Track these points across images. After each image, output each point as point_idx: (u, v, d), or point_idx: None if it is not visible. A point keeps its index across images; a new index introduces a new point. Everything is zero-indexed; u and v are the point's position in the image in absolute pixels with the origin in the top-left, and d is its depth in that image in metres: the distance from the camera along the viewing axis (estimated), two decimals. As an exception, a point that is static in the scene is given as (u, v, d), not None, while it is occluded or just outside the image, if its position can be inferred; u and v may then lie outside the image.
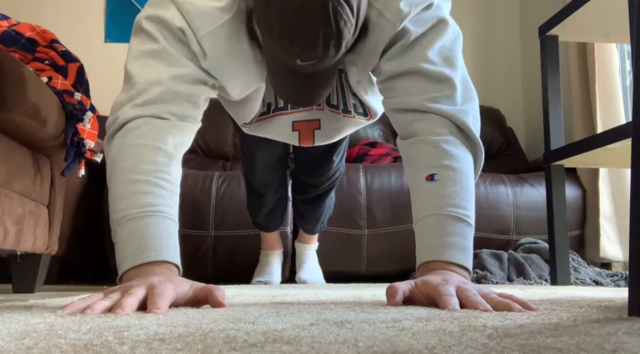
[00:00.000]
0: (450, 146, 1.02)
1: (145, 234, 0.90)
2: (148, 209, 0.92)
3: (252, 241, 2.23)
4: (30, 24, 1.64)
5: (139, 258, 0.89)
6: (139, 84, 1.01)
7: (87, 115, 1.55)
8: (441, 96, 1.04)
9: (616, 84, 2.54)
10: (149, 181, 0.94)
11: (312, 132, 1.33)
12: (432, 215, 1.00)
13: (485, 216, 2.35)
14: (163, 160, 0.97)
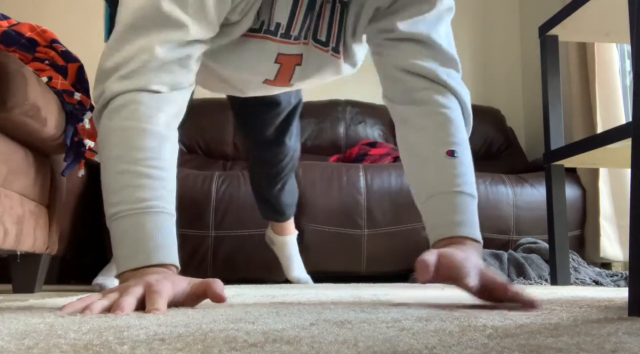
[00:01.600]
0: (463, 126, 1.07)
1: (138, 235, 0.85)
2: (139, 205, 0.86)
3: (252, 241, 2.23)
4: (30, 24, 1.64)
5: (134, 261, 0.85)
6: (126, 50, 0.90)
7: (87, 115, 1.55)
8: (452, 75, 1.06)
9: (616, 84, 2.54)
10: (139, 171, 0.87)
11: (293, 67, 1.17)
12: (456, 192, 0.98)
13: (485, 216, 2.33)
14: (153, 144, 0.89)
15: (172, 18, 0.91)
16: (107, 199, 0.89)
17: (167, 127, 0.92)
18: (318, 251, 2.29)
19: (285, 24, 1.07)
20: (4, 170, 1.32)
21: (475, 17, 3.52)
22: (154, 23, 0.91)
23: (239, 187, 2.28)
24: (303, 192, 2.31)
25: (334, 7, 1.10)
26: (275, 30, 1.08)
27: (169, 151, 0.91)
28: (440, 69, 1.04)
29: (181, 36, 0.93)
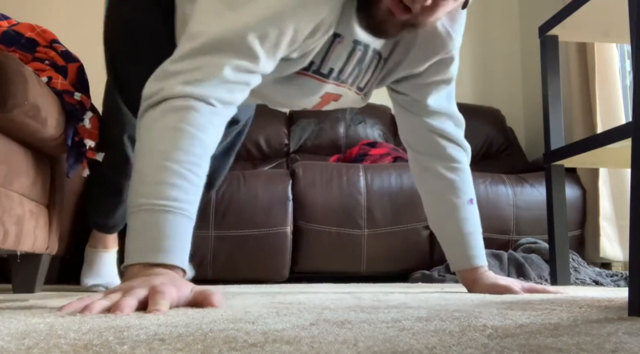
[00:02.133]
0: (471, 175, 1.41)
1: (160, 232, 0.88)
2: (170, 203, 0.90)
3: (252, 241, 2.23)
4: (30, 24, 1.64)
5: (148, 256, 0.87)
6: (197, 60, 0.97)
7: (87, 115, 1.55)
8: (462, 134, 1.40)
9: (616, 84, 2.54)
10: (179, 172, 0.91)
11: (330, 102, 1.35)
12: (476, 232, 1.36)
13: (485, 216, 2.33)
14: (199, 151, 0.94)
15: (251, 50, 1.00)
16: (138, 188, 0.91)
17: (212, 142, 0.98)
18: (318, 251, 2.29)
19: (337, 70, 1.24)
20: (4, 170, 1.32)
21: (476, 18, 3.52)
22: (233, 49, 0.99)
23: (239, 187, 2.28)
24: (303, 192, 2.31)
25: (378, 61, 1.29)
26: (328, 74, 1.24)
27: (207, 163, 0.97)
28: (456, 131, 1.37)
29: (251, 66, 1.02)
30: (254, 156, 3.06)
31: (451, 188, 1.35)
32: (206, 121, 0.95)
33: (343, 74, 1.26)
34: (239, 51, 1.00)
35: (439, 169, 1.36)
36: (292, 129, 3.12)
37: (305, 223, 2.29)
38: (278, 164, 3.04)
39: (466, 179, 1.36)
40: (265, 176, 2.37)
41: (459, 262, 1.37)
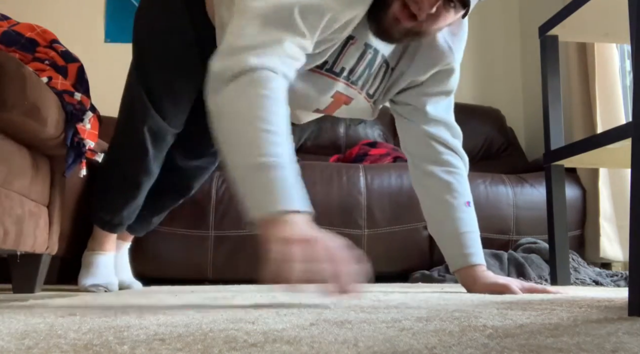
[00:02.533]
0: (467, 180, 1.48)
1: (287, 182, 0.96)
2: (280, 160, 0.97)
3: (252, 241, 2.23)
4: (30, 24, 1.64)
5: (285, 205, 0.95)
6: (263, 36, 1.06)
7: (87, 115, 1.55)
8: (459, 144, 1.47)
9: (616, 84, 2.54)
10: (281, 132, 1.01)
11: (342, 105, 1.40)
12: (473, 232, 1.40)
13: (485, 216, 2.35)
14: (283, 112, 1.04)
15: (298, 26, 1.09)
16: (245, 150, 0.99)
17: (287, 107, 1.07)
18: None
19: (348, 69, 1.30)
20: (4, 170, 1.32)
21: (476, 18, 3.52)
22: (285, 24, 1.08)
23: (239, 187, 2.28)
24: (303, 192, 2.31)
25: (385, 70, 1.37)
26: (340, 73, 1.31)
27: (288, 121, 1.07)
28: (454, 141, 1.45)
29: (302, 42, 1.11)
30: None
31: (448, 189, 1.41)
32: (282, 89, 1.05)
33: (353, 74, 1.32)
34: (290, 27, 1.08)
35: (437, 172, 1.42)
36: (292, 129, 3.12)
37: (305, 223, 2.29)
38: (278, 164, 3.04)
39: (463, 182, 1.43)
40: (265, 176, 2.37)
41: (456, 261, 1.39)
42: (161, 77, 1.54)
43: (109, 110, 2.65)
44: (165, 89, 1.55)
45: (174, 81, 1.55)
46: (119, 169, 1.67)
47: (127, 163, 1.64)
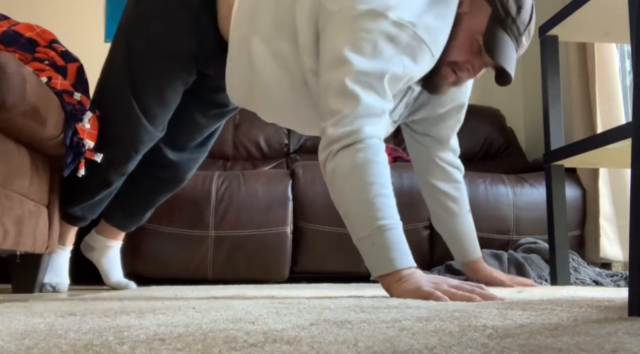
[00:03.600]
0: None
1: (400, 244, 1.19)
2: (395, 221, 1.19)
3: (252, 241, 2.23)
4: (30, 24, 1.64)
5: (406, 262, 1.18)
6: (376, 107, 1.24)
7: (87, 115, 1.55)
8: (458, 160, 1.75)
9: (616, 84, 2.54)
10: (389, 195, 1.21)
11: None
12: (474, 233, 1.75)
13: (485, 216, 2.35)
14: (388, 175, 1.23)
15: (387, 94, 1.27)
16: (366, 212, 1.18)
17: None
18: (318, 251, 2.29)
19: (391, 109, 1.42)
20: (4, 170, 1.32)
21: (475, 17, 3.52)
22: (383, 94, 1.26)
23: (239, 187, 2.27)
24: (303, 192, 2.31)
25: (410, 97, 1.52)
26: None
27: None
28: (455, 159, 1.73)
29: (389, 107, 1.30)
30: (254, 156, 3.06)
31: (455, 202, 1.71)
32: (385, 153, 1.25)
33: (395, 113, 1.51)
34: (386, 96, 1.26)
35: (447, 189, 1.70)
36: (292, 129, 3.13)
37: (305, 223, 2.29)
38: (278, 164, 3.04)
39: (465, 194, 1.73)
40: (265, 176, 2.37)
41: (464, 255, 1.74)
42: (153, 81, 1.56)
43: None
44: (155, 96, 1.57)
45: (166, 88, 1.56)
46: (90, 166, 1.61)
47: (104, 162, 1.59)
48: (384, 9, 1.26)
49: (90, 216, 1.76)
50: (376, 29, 1.25)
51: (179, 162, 1.81)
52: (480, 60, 1.39)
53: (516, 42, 1.37)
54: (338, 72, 1.25)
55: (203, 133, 1.79)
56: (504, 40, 1.34)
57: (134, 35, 1.56)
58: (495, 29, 1.34)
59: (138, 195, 1.84)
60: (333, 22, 1.29)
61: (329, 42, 1.29)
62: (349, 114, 1.22)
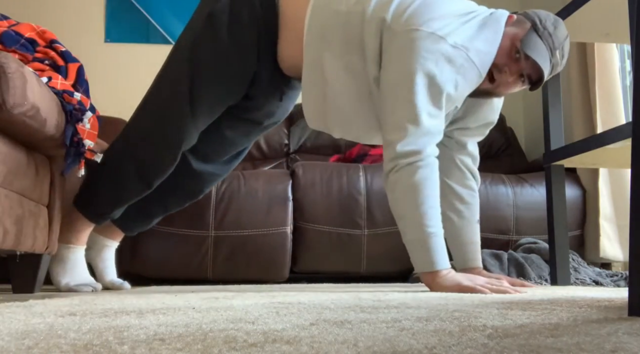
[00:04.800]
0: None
1: (441, 248, 1.44)
2: (442, 228, 1.45)
3: (252, 241, 2.23)
4: (30, 24, 1.64)
5: (445, 264, 1.43)
6: (435, 128, 1.46)
7: (87, 115, 1.55)
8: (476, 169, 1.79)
9: (616, 84, 2.54)
10: (437, 207, 1.46)
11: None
12: (479, 243, 1.75)
13: (485, 216, 2.35)
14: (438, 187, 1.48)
15: (443, 112, 1.48)
16: (419, 220, 1.43)
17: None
18: (318, 251, 2.29)
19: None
20: (4, 170, 1.32)
21: (475, 17, 3.52)
22: (440, 112, 1.47)
23: (239, 187, 2.28)
24: (303, 192, 2.31)
25: (455, 110, 1.65)
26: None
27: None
28: (475, 168, 1.76)
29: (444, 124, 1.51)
30: (254, 156, 3.06)
31: (468, 209, 1.74)
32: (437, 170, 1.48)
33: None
34: (441, 114, 1.47)
35: (463, 194, 1.73)
36: (292, 129, 3.12)
37: (305, 223, 2.29)
38: (278, 164, 3.04)
39: (477, 203, 1.76)
40: (265, 176, 2.37)
41: (465, 262, 1.73)
42: (211, 91, 1.67)
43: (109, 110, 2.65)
44: (208, 106, 1.68)
45: (219, 100, 1.69)
46: (134, 166, 1.70)
47: (148, 163, 1.69)
48: (443, 34, 1.43)
49: (117, 216, 1.82)
50: (436, 51, 1.43)
51: (201, 174, 1.86)
52: (517, 64, 1.52)
53: (550, 51, 1.50)
54: (402, 91, 1.44)
55: (229, 149, 1.86)
56: (539, 43, 1.49)
57: (202, 46, 1.64)
58: (533, 35, 1.50)
59: (155, 200, 1.87)
60: (397, 41, 1.45)
61: (393, 59, 1.46)
62: (415, 132, 1.43)
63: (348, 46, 1.54)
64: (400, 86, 1.44)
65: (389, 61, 1.47)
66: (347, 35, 1.54)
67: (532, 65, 1.50)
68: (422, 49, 1.42)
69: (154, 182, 1.73)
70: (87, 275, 1.78)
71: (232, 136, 1.83)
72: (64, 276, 1.73)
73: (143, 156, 1.70)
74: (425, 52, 1.42)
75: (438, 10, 1.47)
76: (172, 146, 1.68)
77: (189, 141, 1.69)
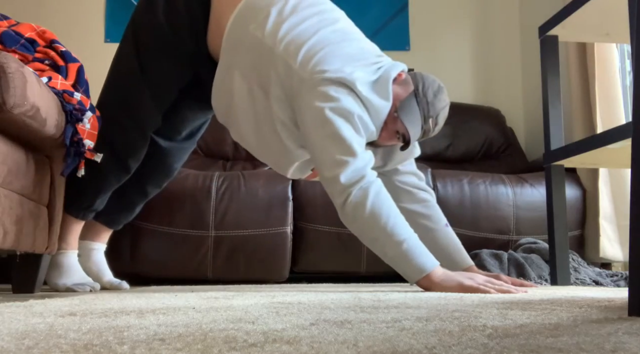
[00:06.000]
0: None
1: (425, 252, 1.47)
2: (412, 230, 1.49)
3: (252, 241, 2.23)
4: (30, 24, 1.64)
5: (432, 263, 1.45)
6: (367, 154, 1.53)
7: (87, 115, 1.55)
8: (424, 183, 1.82)
9: (616, 84, 2.54)
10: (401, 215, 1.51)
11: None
12: (457, 243, 1.75)
13: (485, 216, 2.35)
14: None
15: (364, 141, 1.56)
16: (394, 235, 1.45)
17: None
18: (318, 251, 2.29)
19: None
20: (4, 170, 1.32)
21: (476, 17, 3.52)
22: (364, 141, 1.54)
23: (239, 187, 2.28)
24: (303, 192, 2.31)
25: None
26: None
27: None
28: (421, 182, 1.80)
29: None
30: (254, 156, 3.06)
31: (429, 219, 1.75)
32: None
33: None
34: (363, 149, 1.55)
35: (418, 209, 1.76)
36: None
37: (305, 223, 2.29)
38: (278, 164, 3.04)
39: (437, 210, 1.78)
40: (265, 176, 2.37)
41: (455, 265, 1.72)
42: (159, 69, 1.74)
43: (109, 110, 2.63)
44: (164, 83, 1.75)
45: (171, 77, 1.75)
46: (108, 152, 1.70)
47: (121, 147, 1.74)
48: (350, 80, 1.52)
49: (100, 207, 1.84)
50: (344, 92, 1.51)
51: (169, 150, 1.91)
52: (394, 123, 1.61)
53: (423, 118, 1.61)
54: (325, 129, 1.50)
55: (190, 125, 1.93)
56: (414, 109, 1.61)
57: (142, 28, 1.73)
58: (411, 100, 1.61)
59: (133, 188, 1.89)
60: (306, 85, 1.52)
61: (307, 106, 1.53)
62: (354, 162, 1.49)
63: (253, 73, 1.61)
64: (322, 126, 1.51)
65: (302, 108, 1.54)
66: (255, 61, 1.61)
67: (404, 128, 1.61)
68: (330, 90, 1.50)
69: (131, 164, 1.78)
70: (84, 275, 1.78)
71: (191, 114, 1.91)
72: (61, 278, 1.74)
73: (115, 142, 1.73)
74: (334, 92, 1.50)
75: (342, 59, 1.56)
76: (140, 127, 1.75)
77: (153, 121, 1.76)
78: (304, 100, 1.54)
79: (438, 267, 1.45)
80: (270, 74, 1.58)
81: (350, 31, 1.69)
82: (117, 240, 1.95)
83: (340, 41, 1.61)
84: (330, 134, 1.51)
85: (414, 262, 1.44)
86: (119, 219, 1.93)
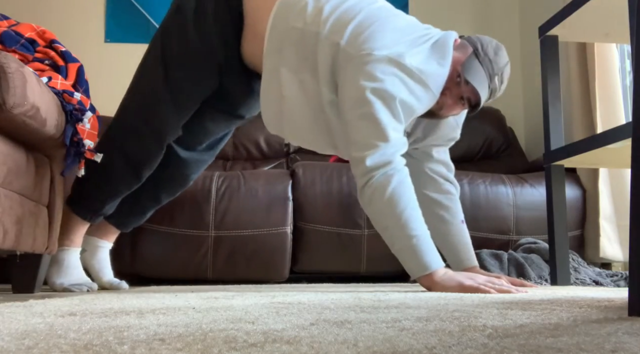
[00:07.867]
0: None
1: (432, 249, 1.46)
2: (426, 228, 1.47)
3: (252, 241, 2.23)
4: (30, 24, 1.64)
5: (436, 265, 1.44)
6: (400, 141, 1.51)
7: (87, 115, 1.55)
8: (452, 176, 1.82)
9: (616, 84, 2.54)
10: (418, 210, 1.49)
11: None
12: (469, 242, 1.77)
13: (485, 216, 2.35)
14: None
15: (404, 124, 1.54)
16: (407, 227, 1.44)
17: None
18: (318, 251, 2.29)
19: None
20: (4, 170, 1.32)
21: (476, 17, 3.52)
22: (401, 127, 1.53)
23: (239, 187, 2.28)
24: (303, 192, 2.31)
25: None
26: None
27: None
28: (450, 174, 1.80)
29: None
30: (254, 156, 3.06)
31: (448, 212, 1.76)
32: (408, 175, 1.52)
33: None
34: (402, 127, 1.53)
35: (440, 199, 1.76)
36: (292, 129, 3.12)
37: (305, 223, 2.29)
38: (278, 164, 3.04)
39: (458, 205, 1.79)
40: (265, 176, 2.37)
41: (459, 264, 1.74)
42: (185, 80, 1.72)
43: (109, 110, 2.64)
44: (188, 93, 1.73)
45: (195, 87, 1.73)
46: (123, 160, 1.72)
47: (136, 155, 1.73)
48: (398, 56, 1.49)
49: (110, 212, 1.83)
50: (391, 73, 1.48)
51: (187, 161, 1.89)
52: (458, 88, 1.59)
53: (489, 77, 1.59)
54: (363, 110, 1.48)
55: (211, 137, 1.90)
56: (479, 69, 1.58)
57: (171, 38, 1.72)
58: (473, 61, 1.59)
59: (147, 193, 1.89)
60: (352, 64, 1.50)
61: (350, 82, 1.50)
62: (384, 147, 1.47)
63: (302, 64, 1.59)
64: (360, 106, 1.49)
65: (345, 83, 1.52)
66: (301, 53, 1.59)
67: (471, 90, 1.57)
68: (377, 71, 1.48)
69: (143, 174, 1.76)
70: (83, 275, 1.78)
71: (213, 126, 1.88)
72: (59, 277, 1.73)
73: (130, 149, 1.73)
74: (381, 73, 1.48)
75: (392, 34, 1.54)
76: (158, 136, 1.73)
77: (173, 131, 1.74)
78: (348, 75, 1.52)
79: (442, 268, 1.46)
80: (317, 59, 1.56)
81: (393, 7, 1.67)
82: (117, 240, 1.95)
83: (388, 16, 1.59)
84: (367, 115, 1.48)
85: (420, 259, 1.44)
86: (130, 223, 1.94)
